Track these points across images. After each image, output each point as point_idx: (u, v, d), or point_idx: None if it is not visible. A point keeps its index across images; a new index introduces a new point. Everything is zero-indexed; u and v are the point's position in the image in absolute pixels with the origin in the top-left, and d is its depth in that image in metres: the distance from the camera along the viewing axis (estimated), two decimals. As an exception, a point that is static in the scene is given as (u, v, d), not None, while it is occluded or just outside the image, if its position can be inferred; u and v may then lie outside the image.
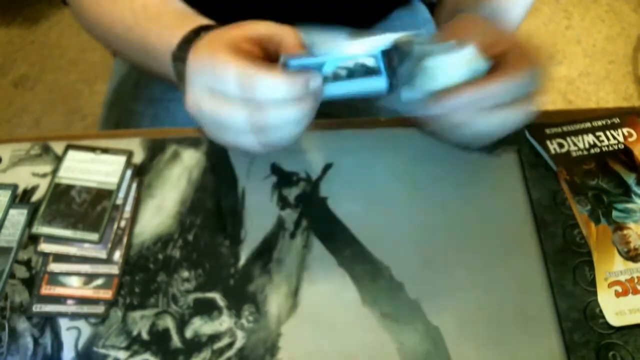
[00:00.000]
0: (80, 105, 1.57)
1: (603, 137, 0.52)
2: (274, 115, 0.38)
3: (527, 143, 0.53)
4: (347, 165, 0.52)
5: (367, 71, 0.37)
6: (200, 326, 0.44)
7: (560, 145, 0.52)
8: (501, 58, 0.43)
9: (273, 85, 0.37)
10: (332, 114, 0.53)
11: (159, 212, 0.50)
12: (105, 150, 0.52)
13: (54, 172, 0.51)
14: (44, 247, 0.48)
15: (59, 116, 1.55)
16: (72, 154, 0.52)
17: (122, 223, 0.49)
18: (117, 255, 0.47)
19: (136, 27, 0.50)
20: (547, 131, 0.53)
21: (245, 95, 0.38)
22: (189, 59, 0.41)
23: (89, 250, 0.47)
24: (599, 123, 0.53)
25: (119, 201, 0.50)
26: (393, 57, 0.37)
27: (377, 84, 0.37)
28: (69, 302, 0.45)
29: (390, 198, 0.50)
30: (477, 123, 0.43)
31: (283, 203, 0.50)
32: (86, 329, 0.44)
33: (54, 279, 0.46)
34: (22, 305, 0.45)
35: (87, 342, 0.44)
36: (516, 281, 0.46)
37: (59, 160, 0.52)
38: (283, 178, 0.51)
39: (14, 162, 0.53)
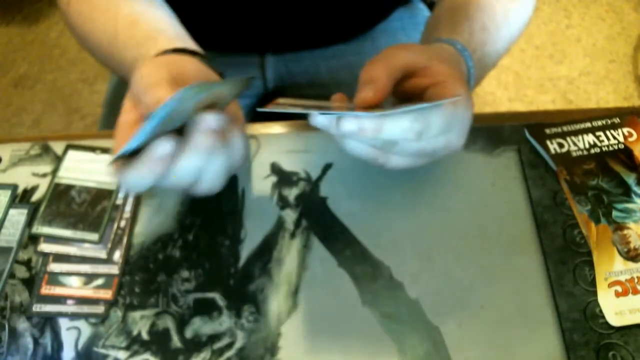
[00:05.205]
0: (80, 105, 1.57)
1: (603, 137, 0.52)
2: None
3: (527, 143, 0.53)
4: (347, 165, 0.52)
5: None
6: (200, 326, 0.44)
7: (560, 145, 0.52)
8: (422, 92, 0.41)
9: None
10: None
11: (159, 212, 0.50)
12: (105, 150, 0.52)
13: (54, 172, 0.51)
14: (44, 247, 0.48)
15: (58, 116, 1.55)
16: (72, 153, 0.52)
17: (122, 223, 0.49)
18: (117, 255, 0.47)
19: (112, 55, 0.51)
20: (547, 131, 0.53)
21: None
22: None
23: (89, 250, 0.47)
24: (599, 123, 0.53)
25: (119, 201, 0.50)
26: None
27: None
28: (69, 302, 0.45)
29: (390, 198, 0.50)
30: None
31: (283, 203, 0.50)
32: (86, 329, 0.44)
33: (54, 279, 0.46)
34: (22, 305, 0.45)
35: (87, 342, 0.44)
36: (516, 281, 0.46)
37: (59, 160, 0.52)
38: (283, 178, 0.51)
39: (14, 162, 0.53)
